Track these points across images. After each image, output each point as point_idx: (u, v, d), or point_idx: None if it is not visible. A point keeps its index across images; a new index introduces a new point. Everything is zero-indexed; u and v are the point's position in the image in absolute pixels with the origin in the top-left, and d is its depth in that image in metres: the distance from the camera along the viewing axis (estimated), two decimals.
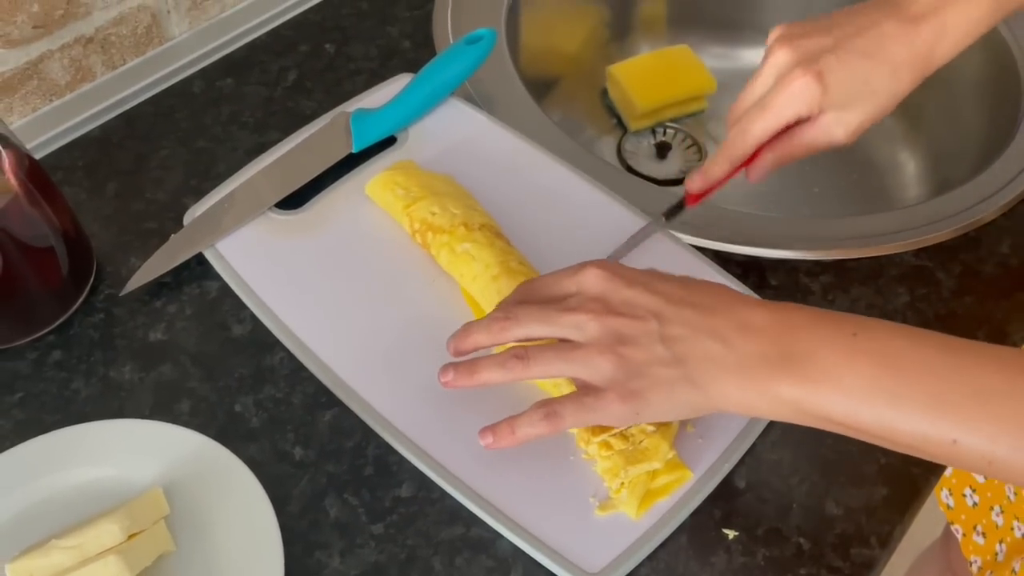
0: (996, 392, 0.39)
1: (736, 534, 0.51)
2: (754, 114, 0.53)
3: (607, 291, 0.46)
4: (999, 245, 0.64)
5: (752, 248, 0.63)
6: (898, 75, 0.52)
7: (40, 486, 0.50)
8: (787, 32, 0.53)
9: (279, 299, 0.58)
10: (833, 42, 0.52)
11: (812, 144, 0.55)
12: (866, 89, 0.52)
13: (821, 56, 0.51)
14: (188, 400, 0.55)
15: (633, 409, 0.44)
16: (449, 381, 0.48)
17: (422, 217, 0.60)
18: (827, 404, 0.42)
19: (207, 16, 0.74)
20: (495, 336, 0.47)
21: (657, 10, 0.94)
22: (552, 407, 0.46)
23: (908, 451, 0.42)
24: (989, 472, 0.40)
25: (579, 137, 0.88)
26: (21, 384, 0.56)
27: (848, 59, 0.51)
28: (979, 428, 0.39)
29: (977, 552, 0.81)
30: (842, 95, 0.52)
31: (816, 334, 0.43)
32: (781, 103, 0.52)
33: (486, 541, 0.50)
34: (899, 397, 0.40)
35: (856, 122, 0.53)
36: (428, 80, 0.67)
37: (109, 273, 0.61)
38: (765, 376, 0.42)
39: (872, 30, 0.52)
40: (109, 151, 0.69)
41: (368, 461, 0.53)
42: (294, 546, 0.50)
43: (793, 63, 0.52)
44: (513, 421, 0.46)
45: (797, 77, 0.51)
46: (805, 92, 0.51)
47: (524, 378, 0.47)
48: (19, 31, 0.63)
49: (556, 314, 0.46)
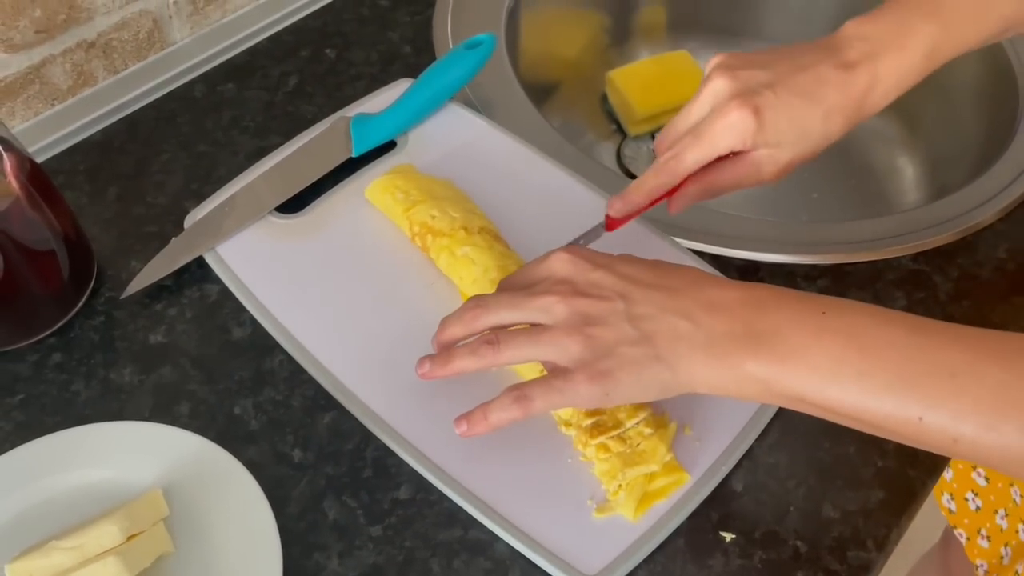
0: (961, 371, 0.39)
1: (733, 537, 0.51)
2: (688, 142, 0.51)
3: (573, 273, 0.47)
4: (996, 249, 0.65)
5: (750, 252, 0.63)
6: (830, 119, 0.51)
7: (40, 487, 0.51)
8: (728, 61, 0.52)
9: (279, 302, 0.59)
10: (772, 77, 0.51)
11: (740, 180, 0.53)
12: (799, 130, 0.51)
13: (760, 90, 0.50)
14: (188, 402, 0.56)
15: (602, 389, 0.44)
16: (425, 372, 0.49)
17: (422, 220, 0.60)
18: (794, 381, 0.42)
19: (208, 21, 0.75)
20: (468, 325, 0.48)
21: (657, 16, 0.95)
22: (522, 390, 0.46)
23: (877, 431, 0.42)
24: (955, 451, 0.40)
25: (579, 142, 0.88)
26: (22, 386, 0.56)
27: (785, 97, 0.50)
28: (944, 405, 0.39)
29: (982, 556, 0.81)
30: (776, 133, 0.51)
31: (784, 312, 0.43)
32: (716, 133, 0.51)
33: (484, 543, 0.50)
34: (865, 374, 0.41)
35: (785, 161, 0.52)
36: (428, 85, 0.68)
37: (110, 276, 0.62)
38: (733, 353, 0.43)
39: (810, 71, 0.51)
40: (110, 155, 0.69)
41: (367, 463, 0.53)
42: (293, 548, 0.50)
43: (731, 94, 0.50)
44: (486, 407, 0.47)
45: (734, 108, 0.50)
46: (740, 125, 0.50)
47: (496, 364, 0.47)
48: (21, 36, 0.64)
49: (524, 299, 0.47)
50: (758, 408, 0.54)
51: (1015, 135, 0.71)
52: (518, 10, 0.82)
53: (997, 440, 0.38)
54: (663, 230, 0.63)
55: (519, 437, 0.53)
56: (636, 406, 0.52)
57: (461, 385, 0.50)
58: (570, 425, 0.53)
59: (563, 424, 0.53)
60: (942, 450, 0.40)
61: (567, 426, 0.53)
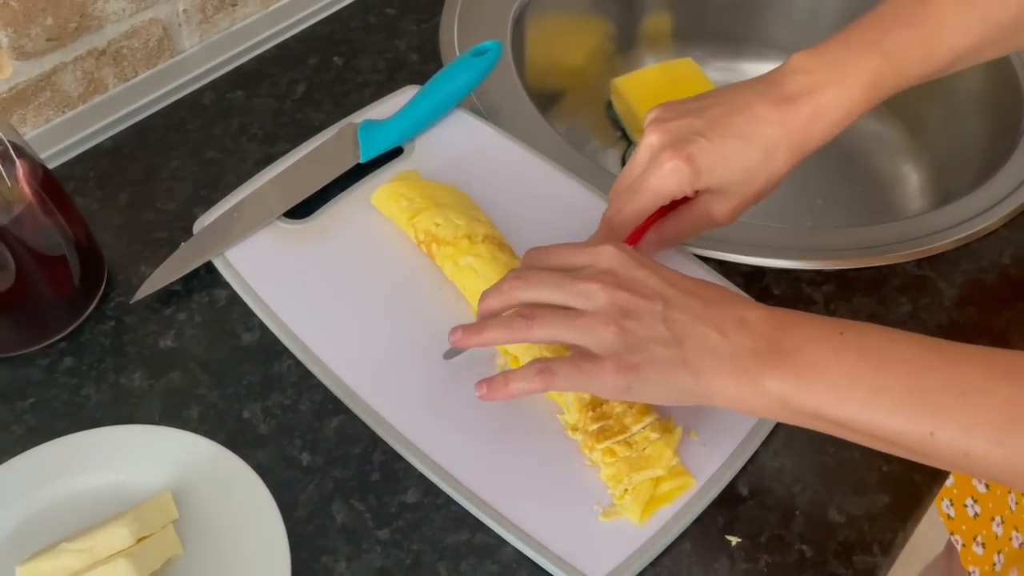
0: (973, 387, 0.40)
1: (739, 541, 0.51)
2: (627, 196, 0.53)
3: (618, 267, 0.47)
4: (1000, 256, 0.65)
5: (755, 258, 0.63)
6: (771, 156, 0.52)
7: (51, 490, 0.51)
8: (661, 115, 0.53)
9: (287, 307, 0.59)
10: (704, 124, 0.51)
11: (694, 224, 0.55)
12: (739, 171, 0.52)
13: (692, 139, 0.51)
14: (197, 406, 0.56)
15: (626, 383, 0.45)
16: (457, 339, 0.50)
17: (426, 228, 0.60)
18: (811, 397, 0.43)
19: (217, 29, 0.75)
20: (505, 297, 0.49)
21: (662, 24, 0.95)
22: (548, 364, 0.47)
23: (891, 448, 0.43)
24: (966, 467, 0.41)
25: (584, 149, 0.89)
26: (33, 390, 0.57)
27: (720, 142, 0.51)
28: (955, 421, 0.40)
29: (976, 563, 0.81)
30: (715, 176, 0.52)
31: (804, 332, 0.44)
32: (652, 185, 0.52)
33: (491, 547, 0.51)
34: (879, 391, 0.42)
35: (733, 203, 0.53)
36: (434, 92, 0.68)
37: (120, 281, 0.62)
38: (754, 370, 0.44)
39: (745, 112, 0.51)
40: (121, 162, 0.70)
41: (374, 467, 0.54)
42: (301, 551, 0.50)
43: (663, 145, 0.52)
44: (508, 375, 0.48)
45: (667, 160, 0.51)
46: (675, 174, 0.51)
47: (528, 339, 0.48)
48: (33, 44, 0.64)
49: (567, 281, 0.47)
50: None
51: (1019, 142, 0.72)
52: (524, 18, 0.83)
53: (1006, 455, 0.39)
54: None
55: (526, 441, 0.53)
56: (642, 411, 0.52)
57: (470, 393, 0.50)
58: (576, 430, 0.53)
59: (570, 429, 0.53)
60: (953, 466, 0.41)
61: (573, 431, 0.53)
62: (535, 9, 0.83)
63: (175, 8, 0.71)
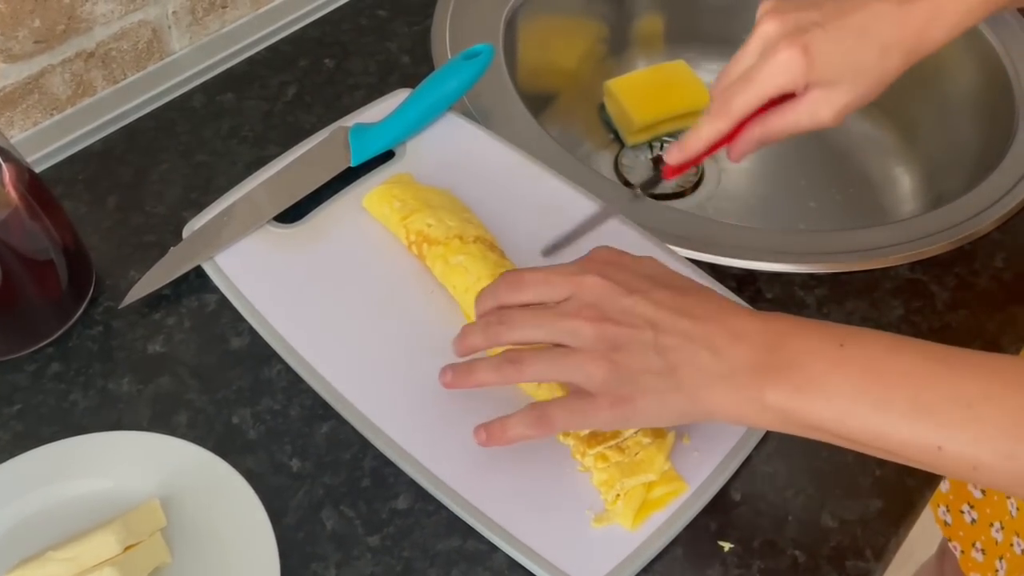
0: (977, 397, 0.39)
1: (732, 546, 0.51)
2: (737, 86, 0.51)
3: (603, 298, 0.46)
4: (993, 259, 0.65)
5: (748, 261, 0.63)
6: (887, 55, 0.50)
7: (37, 497, 0.51)
8: (776, 5, 0.52)
9: (277, 312, 0.59)
10: (822, 16, 0.50)
11: (797, 123, 0.53)
12: (854, 67, 0.50)
13: (809, 29, 0.50)
14: (186, 412, 0.56)
15: (623, 415, 0.45)
16: (448, 382, 0.49)
17: (418, 229, 0.60)
18: (813, 411, 0.42)
19: (207, 31, 0.75)
20: (490, 339, 0.48)
21: (654, 26, 0.95)
22: (544, 411, 0.46)
23: (898, 459, 0.42)
24: (976, 478, 0.40)
25: (577, 151, 0.89)
26: (19, 396, 0.56)
27: (836, 34, 0.50)
28: (962, 434, 0.39)
29: (976, 569, 0.81)
30: (829, 71, 0.50)
31: (804, 343, 0.43)
32: (765, 75, 0.50)
33: (482, 553, 0.50)
34: (883, 403, 0.41)
35: (843, 101, 0.51)
36: (426, 95, 0.68)
37: (108, 286, 0.62)
38: (753, 384, 0.43)
39: (863, 8, 0.50)
40: (110, 165, 0.69)
41: (365, 473, 0.53)
42: (290, 558, 0.50)
43: (780, 35, 0.50)
44: (505, 422, 0.47)
45: (782, 49, 0.50)
46: (790, 65, 0.50)
47: (518, 381, 0.47)
48: (20, 46, 0.64)
49: (551, 319, 0.46)
50: None
51: (1012, 145, 0.72)
52: (516, 20, 0.82)
53: (1015, 467, 0.39)
54: (661, 239, 0.63)
55: (517, 447, 0.53)
56: None
57: (460, 396, 0.50)
58: (568, 435, 0.53)
59: (561, 434, 0.53)
60: (962, 477, 0.41)
61: (565, 436, 0.53)
62: (527, 11, 0.83)
63: (165, 10, 0.71)
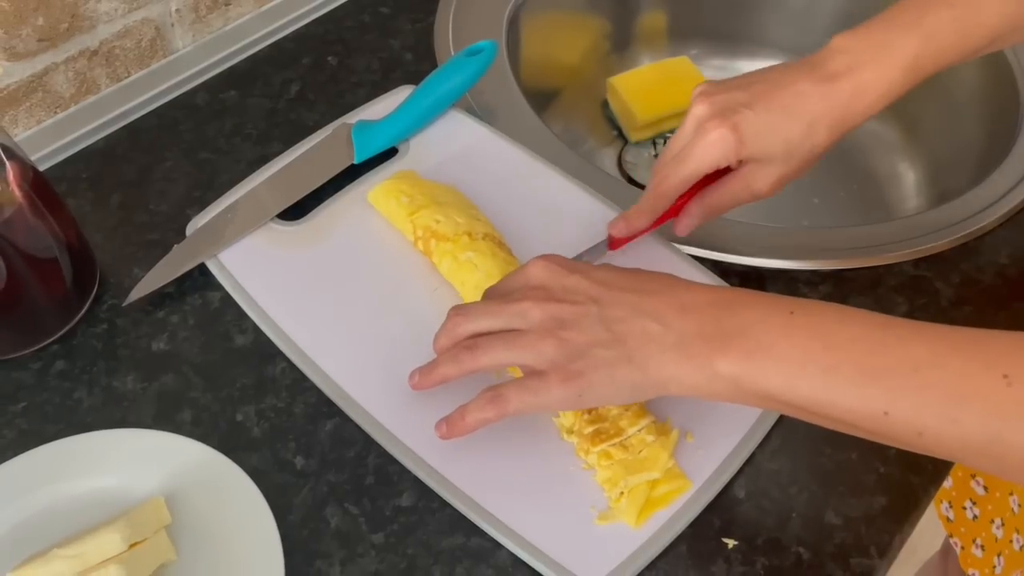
0: (924, 362, 0.40)
1: (735, 543, 0.51)
2: (673, 164, 0.54)
3: (548, 280, 0.48)
4: (998, 255, 0.65)
5: (751, 258, 0.63)
6: (813, 130, 0.53)
7: (42, 495, 0.51)
8: (707, 89, 0.54)
9: (280, 309, 0.59)
10: (750, 97, 0.53)
11: (735, 195, 0.56)
12: (782, 142, 0.53)
13: (738, 110, 0.52)
14: (190, 410, 0.56)
15: (575, 390, 0.46)
16: (415, 383, 0.51)
17: (425, 224, 0.60)
18: (764, 378, 0.43)
19: (210, 29, 0.75)
20: (450, 333, 0.50)
21: (657, 22, 0.95)
22: (497, 391, 0.47)
23: (846, 428, 0.43)
24: (920, 445, 0.40)
25: (580, 148, 0.89)
26: (24, 394, 0.56)
27: (764, 113, 0.52)
28: (907, 399, 0.40)
29: (975, 565, 0.80)
30: (759, 147, 0.53)
31: (753, 312, 0.44)
32: (698, 152, 0.53)
33: (486, 551, 0.50)
34: (831, 370, 0.41)
35: (776, 175, 0.54)
36: (429, 92, 0.68)
37: (112, 284, 0.62)
38: (703, 353, 0.44)
39: (788, 88, 0.53)
40: (113, 163, 0.69)
41: (369, 471, 0.53)
42: (295, 555, 0.50)
43: (710, 115, 0.53)
44: (463, 409, 0.49)
45: (713, 128, 0.52)
46: (720, 142, 0.52)
47: (476, 368, 0.48)
48: (24, 44, 0.64)
49: (501, 305, 0.48)
50: (760, 415, 0.54)
51: (1016, 141, 0.71)
52: (519, 17, 0.82)
53: (959, 431, 0.39)
54: (666, 237, 0.63)
55: (521, 445, 0.53)
56: (638, 413, 0.52)
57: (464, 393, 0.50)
58: (572, 433, 0.53)
59: (565, 432, 0.53)
60: (908, 444, 0.41)
61: (569, 433, 0.53)
62: (530, 7, 0.83)
63: (168, 8, 0.71)
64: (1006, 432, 0.38)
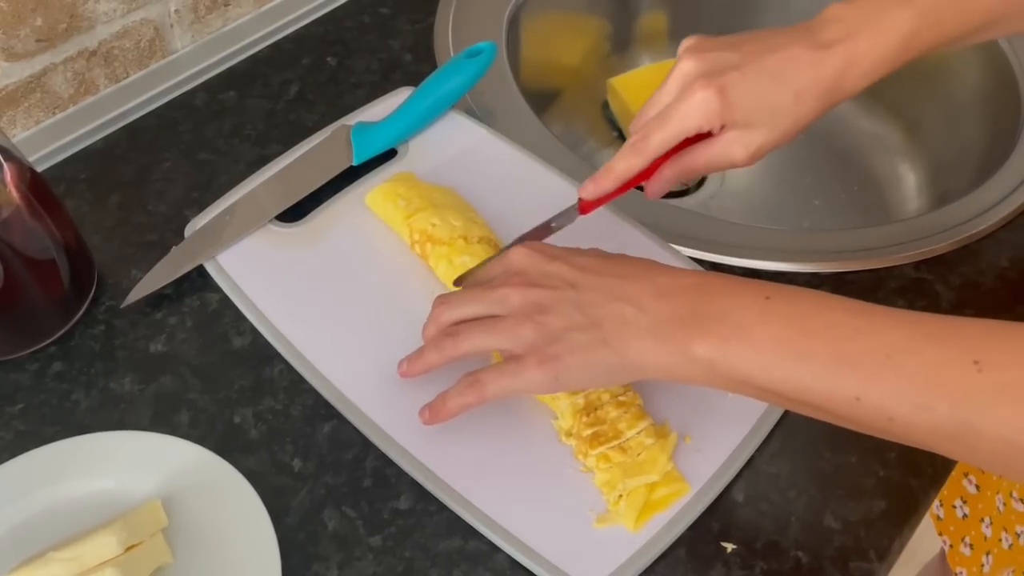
0: (897, 351, 0.39)
1: (734, 547, 0.51)
2: (654, 124, 0.52)
3: (527, 266, 0.49)
4: (999, 258, 0.64)
5: (751, 260, 0.63)
6: (802, 99, 0.51)
7: (39, 497, 0.51)
8: (697, 44, 0.52)
9: (279, 311, 0.59)
10: (740, 58, 0.51)
11: (712, 161, 0.54)
12: (768, 110, 0.51)
13: (726, 70, 0.51)
14: (188, 412, 0.56)
15: (552, 373, 0.46)
16: (403, 372, 0.52)
17: (422, 228, 0.60)
18: (738, 362, 0.43)
19: (210, 29, 0.75)
20: (436, 321, 0.51)
21: (658, 23, 0.95)
22: (475, 376, 0.48)
23: (819, 414, 0.42)
24: (891, 431, 0.40)
25: (580, 150, 0.88)
26: (22, 395, 0.56)
27: (752, 77, 0.51)
28: (880, 385, 0.39)
29: (963, 564, 0.80)
30: (744, 113, 0.51)
31: (730, 297, 0.44)
32: (681, 114, 0.51)
33: (484, 554, 0.50)
34: (805, 355, 0.41)
35: (757, 143, 0.52)
36: (429, 93, 0.68)
37: (110, 285, 0.62)
38: (678, 336, 0.44)
39: (781, 52, 0.51)
40: (112, 164, 0.69)
41: (366, 473, 0.53)
42: (292, 558, 0.50)
43: (697, 75, 0.51)
44: (444, 395, 0.50)
45: (699, 89, 0.50)
46: (705, 105, 0.50)
47: (459, 355, 0.49)
48: (22, 44, 0.64)
49: (482, 292, 0.49)
50: (759, 418, 0.54)
51: (1018, 143, 0.71)
52: (519, 18, 0.82)
53: (930, 419, 0.39)
54: (663, 238, 0.62)
55: (519, 447, 0.53)
56: (636, 416, 0.52)
57: None
58: (570, 435, 0.52)
59: (563, 434, 0.53)
60: (879, 431, 0.41)
61: (567, 436, 0.53)
62: (530, 8, 0.83)
63: (167, 8, 0.71)
64: (976, 419, 0.38)
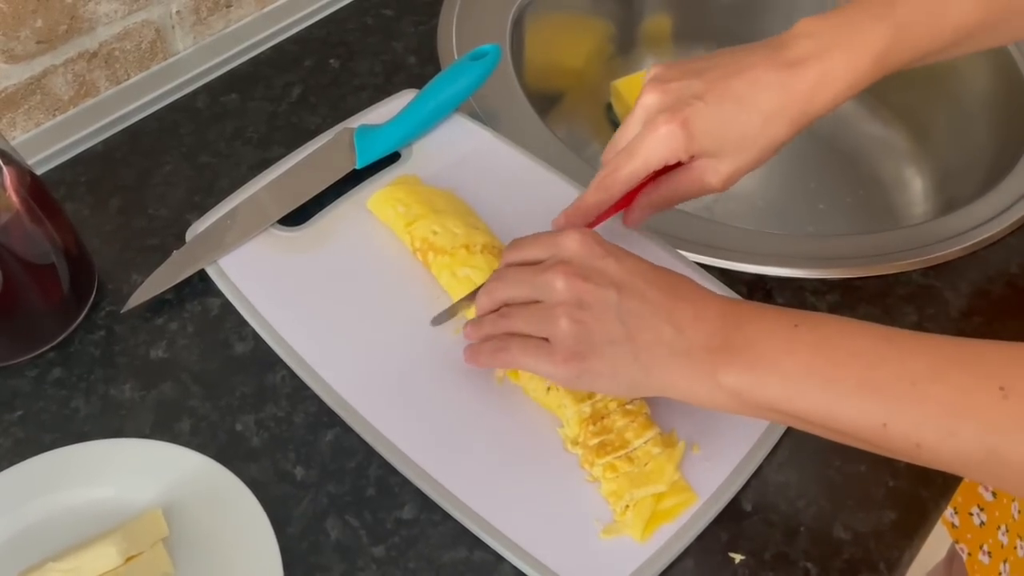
0: (922, 375, 0.40)
1: (743, 558, 0.50)
2: (621, 159, 0.52)
3: (578, 256, 0.48)
4: (1008, 264, 0.64)
5: (758, 266, 0.62)
6: (771, 123, 0.50)
7: (38, 506, 0.50)
8: (660, 74, 0.51)
9: (281, 316, 0.58)
10: (704, 86, 0.50)
11: (687, 190, 0.53)
12: (735, 137, 0.50)
13: (690, 101, 0.49)
14: (189, 419, 0.55)
15: (575, 372, 0.47)
16: (468, 333, 0.53)
17: (423, 236, 0.59)
18: (765, 390, 0.43)
19: (211, 31, 0.74)
20: (492, 297, 0.51)
21: (662, 25, 0.94)
22: (506, 343, 0.49)
23: (847, 440, 0.43)
24: (918, 457, 0.40)
25: (584, 152, 0.88)
26: (21, 402, 0.56)
27: (716, 106, 0.49)
28: (906, 412, 0.40)
29: (982, 572, 0.80)
30: (710, 142, 0.50)
31: (759, 325, 0.44)
32: (647, 149, 0.50)
33: (489, 564, 0.50)
34: (832, 382, 0.41)
35: (727, 171, 0.51)
36: (432, 96, 0.67)
37: (111, 290, 0.61)
38: (708, 363, 0.44)
39: (746, 74, 0.49)
40: (112, 167, 0.69)
41: (370, 482, 0.53)
42: (294, 569, 0.49)
43: (660, 108, 0.50)
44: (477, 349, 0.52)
45: (662, 124, 0.50)
46: (669, 139, 0.50)
47: (506, 330, 0.50)
48: (23, 46, 0.63)
49: (532, 275, 0.49)
50: (767, 427, 0.54)
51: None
52: (523, 20, 0.81)
53: (956, 445, 0.39)
54: (671, 243, 0.62)
55: (525, 456, 0.52)
56: (643, 425, 0.51)
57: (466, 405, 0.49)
58: (576, 444, 0.52)
59: (569, 443, 0.52)
60: (906, 456, 0.41)
61: (573, 445, 0.52)
62: (534, 11, 0.82)
63: (168, 10, 0.70)
64: (1002, 446, 0.38)
